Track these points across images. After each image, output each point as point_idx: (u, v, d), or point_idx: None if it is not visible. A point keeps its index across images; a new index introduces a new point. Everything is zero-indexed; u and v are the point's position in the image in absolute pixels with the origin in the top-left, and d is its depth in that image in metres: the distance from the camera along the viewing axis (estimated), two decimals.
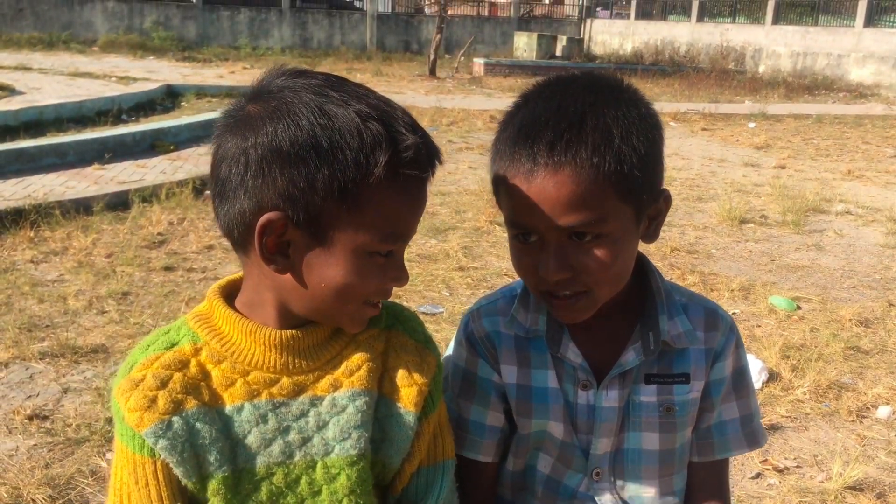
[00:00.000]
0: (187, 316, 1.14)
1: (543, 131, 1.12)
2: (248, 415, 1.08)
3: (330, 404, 1.11)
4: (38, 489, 2.80)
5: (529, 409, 1.30)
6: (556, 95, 1.17)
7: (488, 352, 1.32)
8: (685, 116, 13.92)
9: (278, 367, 1.10)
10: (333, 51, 25.03)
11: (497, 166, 1.19)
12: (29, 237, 5.47)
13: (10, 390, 3.52)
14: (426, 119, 11.92)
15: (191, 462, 1.05)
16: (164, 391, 1.05)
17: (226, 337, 1.10)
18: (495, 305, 1.35)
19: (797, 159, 10.50)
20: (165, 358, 1.08)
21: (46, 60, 16.63)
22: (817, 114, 15.09)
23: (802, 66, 23.00)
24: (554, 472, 1.35)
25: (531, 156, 1.12)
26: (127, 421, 1.05)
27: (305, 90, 1.03)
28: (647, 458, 1.31)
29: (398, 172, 1.01)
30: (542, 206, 1.12)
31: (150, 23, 23.95)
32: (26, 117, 9.25)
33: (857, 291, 5.41)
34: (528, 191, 1.13)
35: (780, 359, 4.07)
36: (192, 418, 1.05)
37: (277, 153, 0.99)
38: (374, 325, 1.18)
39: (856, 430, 3.52)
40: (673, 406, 1.29)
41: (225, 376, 1.09)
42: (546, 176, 1.11)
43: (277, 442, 1.09)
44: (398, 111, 1.06)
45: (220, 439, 1.06)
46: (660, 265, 5.67)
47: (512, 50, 26.01)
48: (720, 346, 1.31)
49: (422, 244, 5.82)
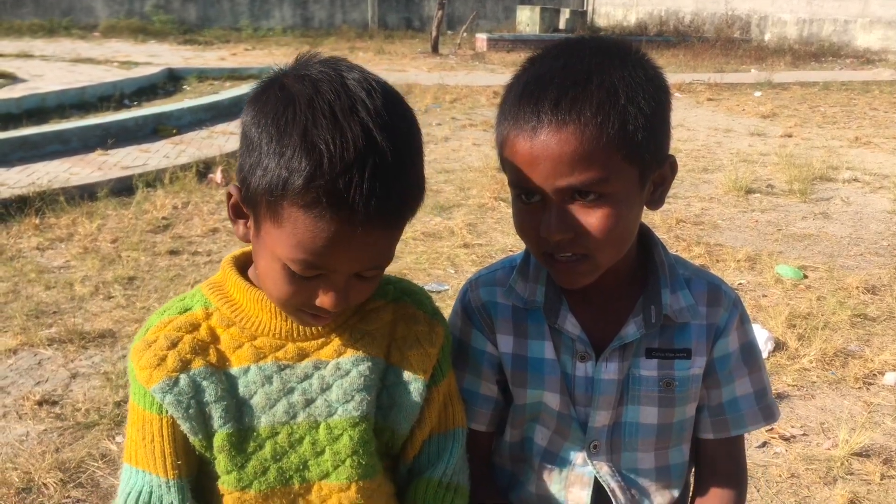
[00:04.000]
0: (202, 284, 1.21)
1: (548, 89, 1.11)
2: (254, 376, 1.13)
3: (334, 368, 1.15)
4: (48, 473, 2.83)
5: (525, 379, 1.31)
6: (563, 56, 1.17)
7: (483, 321, 1.32)
8: (690, 87, 13.82)
9: (284, 333, 1.15)
10: (335, 30, 24.88)
11: (502, 127, 1.18)
12: (34, 224, 5.49)
13: (19, 377, 3.55)
14: (429, 97, 11.87)
15: (197, 419, 1.11)
16: (173, 351, 1.12)
17: (236, 304, 1.17)
18: (494, 276, 1.35)
19: (804, 127, 10.42)
20: (178, 321, 1.15)
21: (48, 47, 16.60)
22: (824, 81, 14.97)
23: (808, 32, 22.77)
24: (551, 445, 1.35)
25: (535, 113, 1.11)
26: (138, 379, 1.12)
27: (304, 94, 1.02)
28: (644, 432, 1.31)
29: (311, 207, 0.99)
30: (545, 164, 1.11)
31: (151, 6, 23.83)
32: (29, 105, 9.24)
33: (864, 259, 5.39)
34: (531, 148, 1.12)
35: (786, 328, 4.06)
36: (199, 376, 1.11)
37: (245, 136, 1.05)
38: (381, 297, 1.22)
39: (862, 396, 3.51)
40: (673, 381, 1.29)
41: (233, 339, 1.15)
42: (550, 133, 1.10)
43: (282, 402, 1.13)
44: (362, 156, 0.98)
45: (225, 398, 1.12)
46: (665, 237, 5.65)
47: (515, 24, 25.80)
48: (722, 321, 1.31)
49: (426, 222, 5.81)
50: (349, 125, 0.98)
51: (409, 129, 1.06)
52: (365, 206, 0.98)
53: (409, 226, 1.12)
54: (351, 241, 1.01)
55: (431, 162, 7.95)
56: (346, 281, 1.07)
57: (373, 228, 1.01)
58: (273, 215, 1.02)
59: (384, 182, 0.99)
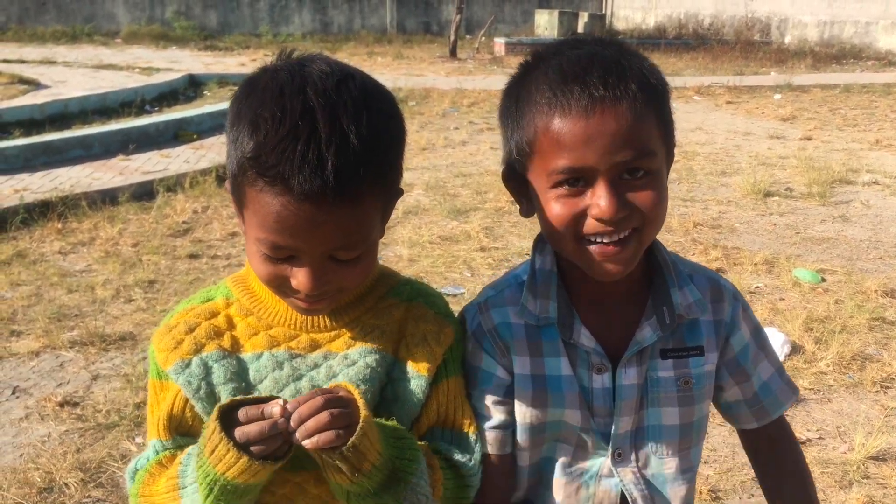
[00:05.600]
0: (228, 278, 1.28)
1: (591, 70, 1.14)
2: (266, 361, 1.18)
3: (342, 358, 1.19)
4: (70, 473, 2.88)
5: (545, 400, 1.29)
6: (580, 47, 1.20)
7: (496, 345, 1.29)
8: (709, 90, 13.76)
9: (298, 324, 1.21)
10: (354, 35, 24.99)
11: (537, 115, 1.17)
12: (57, 229, 5.57)
13: (41, 378, 3.61)
14: (447, 101, 11.91)
15: (207, 399, 1.16)
16: (190, 335, 1.18)
17: (256, 295, 1.23)
18: (503, 296, 1.33)
19: (824, 130, 10.35)
20: (199, 309, 1.22)
21: (70, 53, 16.80)
22: (845, 83, 14.84)
23: (829, 35, 22.59)
24: (574, 461, 1.33)
25: (585, 91, 1.12)
26: (157, 360, 1.20)
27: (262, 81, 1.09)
28: (667, 434, 1.31)
29: (264, 183, 1.02)
30: (602, 140, 1.12)
31: (172, 13, 24.06)
32: (52, 110, 9.38)
33: (884, 262, 5.35)
34: (585, 127, 1.12)
35: (803, 331, 4.05)
36: (210, 360, 1.17)
37: (226, 130, 1.11)
38: (394, 295, 1.26)
39: (879, 400, 3.50)
40: (690, 379, 1.30)
41: (250, 327, 1.21)
42: (605, 109, 1.12)
43: (289, 388, 1.17)
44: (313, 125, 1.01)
45: (234, 380, 1.17)
46: (682, 240, 5.65)
47: (533, 28, 25.80)
48: (729, 317, 1.33)
49: (443, 225, 5.83)
50: (291, 104, 1.02)
51: (373, 116, 1.05)
52: (299, 177, 0.99)
53: (425, 229, 1.14)
54: (299, 217, 1.02)
55: (449, 166, 7.98)
56: (318, 263, 1.08)
57: (320, 203, 1.01)
58: (240, 198, 1.09)
59: (319, 154, 0.99)
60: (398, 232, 5.60)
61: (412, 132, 9.80)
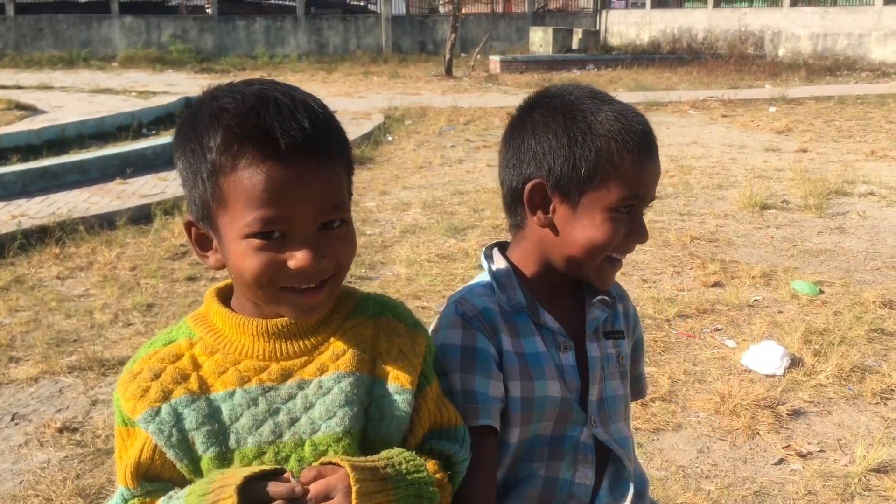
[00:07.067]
0: (188, 316, 1.25)
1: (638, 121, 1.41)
2: (240, 399, 1.17)
3: (316, 387, 1.18)
4: (69, 500, 2.87)
5: (530, 373, 1.41)
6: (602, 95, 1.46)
7: (483, 326, 1.41)
8: (704, 104, 13.83)
9: (266, 354, 1.19)
10: (349, 55, 25.12)
11: (615, 152, 1.37)
12: (55, 254, 5.58)
13: (40, 404, 3.60)
14: (443, 119, 11.95)
15: (179, 446, 1.15)
16: (156, 382, 1.16)
17: (219, 331, 1.21)
18: (475, 290, 1.47)
19: (819, 142, 10.39)
20: (162, 353, 1.19)
21: (67, 78, 16.88)
22: (839, 95, 14.92)
23: (823, 47, 22.72)
24: (556, 431, 1.45)
25: (649, 139, 1.41)
26: (123, 408, 1.17)
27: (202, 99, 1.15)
28: (618, 402, 1.53)
29: (238, 157, 1.08)
30: (656, 179, 1.43)
31: (168, 36, 24.20)
32: (49, 136, 9.39)
33: (881, 273, 5.36)
34: (651, 166, 1.41)
35: (802, 344, 4.05)
36: (179, 405, 1.15)
37: (179, 170, 1.15)
38: (360, 313, 1.26)
39: (880, 412, 3.49)
40: (623, 356, 1.55)
41: (217, 365, 1.18)
42: (655, 155, 1.42)
43: (268, 423, 1.16)
44: (261, 97, 1.10)
45: (206, 423, 1.15)
46: (680, 254, 5.66)
47: (528, 45, 25.96)
48: (633, 311, 1.62)
49: (440, 244, 5.84)
50: (246, 90, 1.11)
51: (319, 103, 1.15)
52: (282, 130, 1.06)
53: (423, 247, 1.18)
54: (287, 177, 1.07)
55: (446, 184, 8.00)
56: (311, 236, 1.11)
57: (302, 157, 1.08)
58: (219, 201, 1.10)
59: (290, 112, 1.08)
60: (396, 251, 5.61)
61: (408, 151, 9.86)
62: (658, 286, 5.07)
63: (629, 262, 5.45)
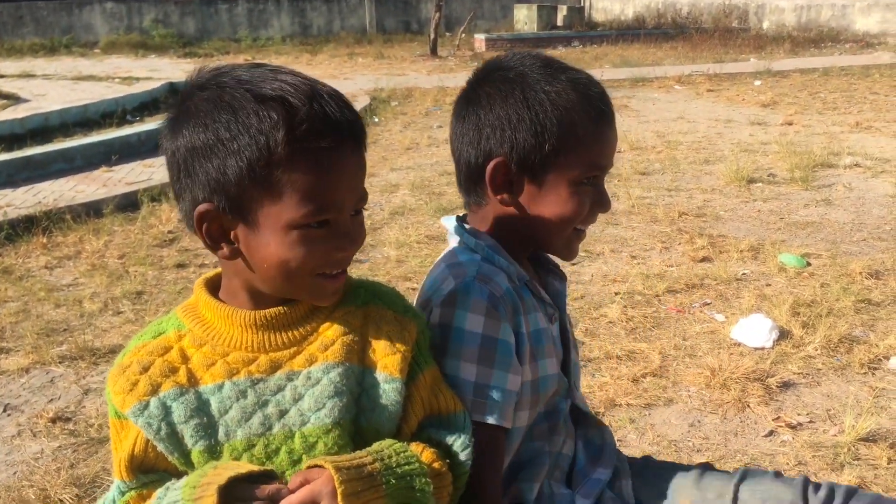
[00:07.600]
0: (178, 307, 1.25)
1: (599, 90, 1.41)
2: (229, 391, 1.16)
3: (305, 378, 1.18)
4: (64, 489, 2.87)
5: (535, 353, 1.41)
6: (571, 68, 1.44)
7: (507, 310, 1.35)
8: (690, 79, 13.81)
9: (255, 345, 1.19)
10: (333, 36, 24.94)
11: (578, 123, 1.36)
12: (42, 243, 5.55)
13: (32, 395, 3.60)
14: (429, 99, 11.91)
15: (169, 440, 1.15)
16: (145, 375, 1.16)
17: (207, 323, 1.20)
18: (484, 268, 1.38)
19: (804, 114, 10.41)
20: (151, 345, 1.19)
21: (49, 66, 16.70)
22: (824, 67, 14.93)
23: (807, 18, 22.70)
24: (549, 406, 1.47)
25: (608, 108, 1.40)
26: (114, 402, 1.19)
27: (215, 88, 1.12)
28: (577, 369, 1.60)
29: (303, 147, 1.07)
30: (615, 146, 1.44)
31: (150, 21, 23.95)
32: (32, 124, 9.30)
33: (868, 244, 5.40)
34: (612, 134, 1.42)
35: (790, 316, 4.08)
36: (168, 399, 1.15)
37: (194, 151, 1.10)
38: (350, 302, 1.25)
39: (868, 382, 3.53)
40: (572, 329, 1.60)
41: (206, 358, 1.18)
42: (614, 120, 1.43)
43: (257, 415, 1.16)
44: (312, 88, 1.11)
45: (195, 416, 1.15)
46: (668, 230, 5.68)
47: (512, 23, 25.82)
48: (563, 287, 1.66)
49: (430, 225, 5.84)
50: (282, 77, 1.10)
51: None
52: (345, 119, 1.10)
53: (412, 229, 1.22)
54: (344, 165, 1.11)
55: (434, 164, 7.99)
56: (350, 223, 1.15)
57: (356, 145, 1.14)
58: (267, 189, 1.08)
59: (338, 100, 1.13)
60: (385, 233, 5.60)
61: (395, 132, 9.82)
62: (647, 262, 5.09)
63: (618, 239, 5.47)
